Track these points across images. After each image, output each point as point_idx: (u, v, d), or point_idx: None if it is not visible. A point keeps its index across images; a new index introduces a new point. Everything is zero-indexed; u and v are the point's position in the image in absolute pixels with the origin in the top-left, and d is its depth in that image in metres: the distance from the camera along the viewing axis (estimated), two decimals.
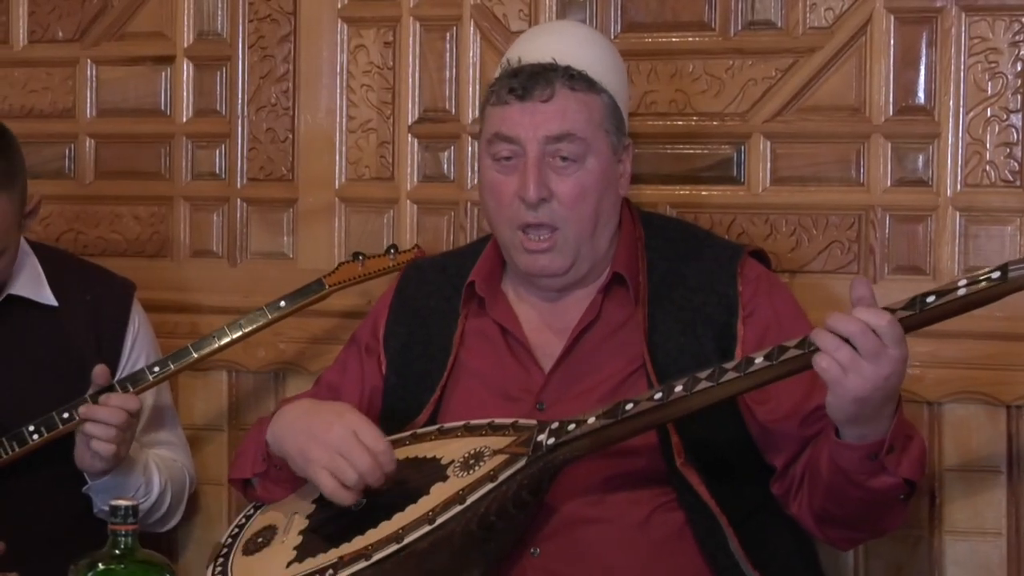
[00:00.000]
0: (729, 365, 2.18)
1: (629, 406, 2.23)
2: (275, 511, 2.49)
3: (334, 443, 2.33)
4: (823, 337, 2.11)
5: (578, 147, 2.45)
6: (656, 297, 2.49)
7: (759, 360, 2.16)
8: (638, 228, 2.57)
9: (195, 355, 2.88)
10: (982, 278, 2.08)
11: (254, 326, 2.92)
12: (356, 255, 2.99)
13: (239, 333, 2.92)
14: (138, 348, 2.95)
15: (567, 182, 2.45)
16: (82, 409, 2.73)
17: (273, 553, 2.39)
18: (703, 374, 2.20)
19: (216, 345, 2.90)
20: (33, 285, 2.90)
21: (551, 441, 2.26)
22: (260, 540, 2.44)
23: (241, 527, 2.51)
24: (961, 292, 2.08)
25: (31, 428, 2.76)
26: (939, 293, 2.10)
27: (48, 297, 2.91)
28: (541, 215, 2.45)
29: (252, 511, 2.54)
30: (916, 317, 2.10)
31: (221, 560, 2.44)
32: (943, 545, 2.81)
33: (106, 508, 2.82)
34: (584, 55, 2.49)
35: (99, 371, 2.77)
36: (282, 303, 2.94)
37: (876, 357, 2.09)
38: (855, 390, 2.10)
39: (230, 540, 2.49)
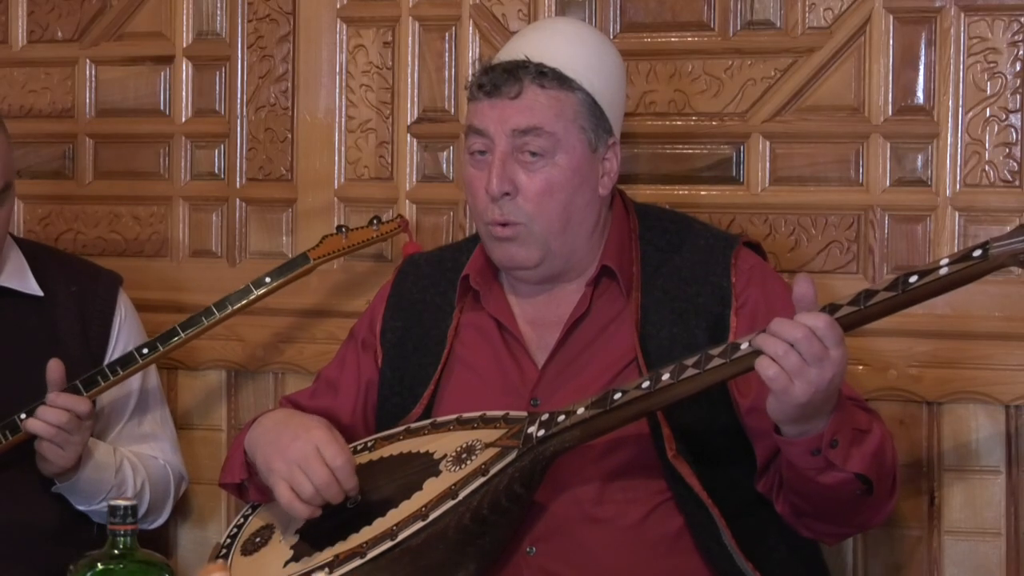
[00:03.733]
0: (715, 351, 2.18)
1: (618, 395, 2.23)
2: (272, 511, 2.48)
3: (295, 457, 2.33)
4: (770, 343, 2.09)
5: (547, 141, 2.43)
6: (649, 287, 2.48)
7: (744, 346, 2.15)
8: (632, 219, 2.56)
9: (182, 335, 2.84)
10: (964, 256, 2.08)
11: (241, 303, 2.88)
12: (339, 228, 2.96)
13: (227, 311, 2.88)
14: (124, 339, 2.94)
15: (535, 177, 2.43)
16: (39, 409, 2.69)
17: (271, 553, 2.39)
18: (689, 361, 2.19)
19: (204, 324, 2.86)
20: (17, 276, 2.90)
21: (541, 433, 2.25)
22: (258, 540, 2.44)
23: (240, 527, 2.51)
24: (943, 271, 2.08)
25: (23, 416, 2.73)
26: (922, 273, 2.09)
27: (33, 287, 2.90)
28: (506, 211, 2.44)
29: (249, 511, 2.54)
30: (900, 298, 2.10)
31: (220, 561, 2.44)
32: (942, 545, 2.81)
33: (83, 508, 2.84)
34: (561, 53, 2.46)
35: (52, 365, 2.73)
36: (267, 279, 2.90)
37: (820, 361, 2.08)
38: (800, 396, 2.09)
39: (228, 540, 2.49)
